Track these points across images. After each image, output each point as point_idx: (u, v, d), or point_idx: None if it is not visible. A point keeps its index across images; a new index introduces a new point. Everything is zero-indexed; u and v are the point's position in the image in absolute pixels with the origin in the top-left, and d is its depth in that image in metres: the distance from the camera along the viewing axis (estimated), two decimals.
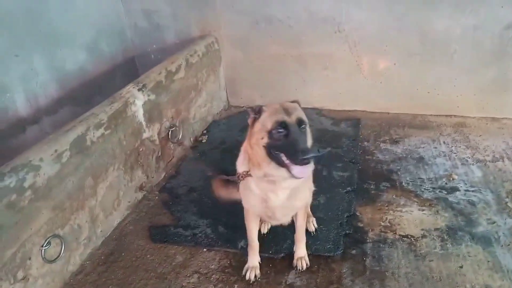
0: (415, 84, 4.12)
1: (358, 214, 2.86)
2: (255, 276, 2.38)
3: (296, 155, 1.78)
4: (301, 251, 2.48)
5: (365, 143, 3.79)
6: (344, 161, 3.48)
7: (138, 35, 4.72)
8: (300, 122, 1.90)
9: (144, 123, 3.19)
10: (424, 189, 3.07)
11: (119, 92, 3.05)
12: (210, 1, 4.31)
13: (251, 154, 2.02)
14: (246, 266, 2.44)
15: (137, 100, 3.11)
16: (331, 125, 4.14)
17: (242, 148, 2.17)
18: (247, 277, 2.38)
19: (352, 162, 3.46)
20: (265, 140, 1.90)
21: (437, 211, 2.82)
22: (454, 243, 2.53)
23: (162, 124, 3.44)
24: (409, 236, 2.62)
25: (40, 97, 3.61)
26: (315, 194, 3.02)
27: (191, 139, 3.97)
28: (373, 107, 4.34)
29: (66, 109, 3.84)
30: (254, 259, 2.44)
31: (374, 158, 3.54)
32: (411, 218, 2.78)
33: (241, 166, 2.16)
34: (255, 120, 1.98)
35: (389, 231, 2.68)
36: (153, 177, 3.34)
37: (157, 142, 3.38)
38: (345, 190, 3.09)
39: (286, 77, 4.46)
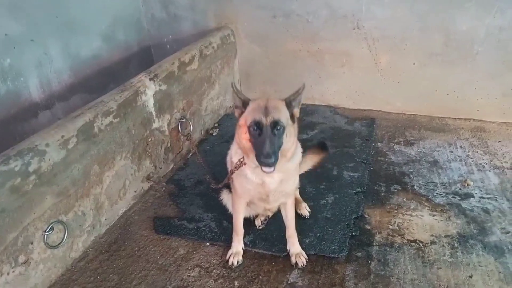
0: (434, 85, 4.00)
1: (366, 216, 2.79)
2: (238, 262, 2.43)
3: (259, 156, 1.95)
4: (295, 247, 2.45)
5: (379, 143, 3.69)
6: (355, 161, 3.40)
7: (154, 25, 4.71)
8: (274, 124, 1.95)
9: (154, 113, 3.17)
10: (437, 193, 2.97)
11: (130, 80, 3.04)
12: None
13: (240, 144, 2.14)
14: (230, 251, 2.48)
15: (148, 90, 3.09)
16: (345, 123, 4.06)
17: (234, 139, 2.23)
18: (230, 262, 2.43)
19: (363, 162, 3.38)
20: (247, 134, 2.03)
21: (449, 217, 2.72)
22: (464, 252, 2.44)
23: (173, 115, 3.42)
24: (417, 242, 2.53)
25: (53, 83, 3.63)
26: (324, 193, 2.99)
27: (202, 132, 3.94)
28: (389, 107, 4.24)
29: (78, 96, 3.85)
30: (238, 245, 2.49)
31: (386, 159, 3.44)
32: (421, 223, 2.69)
33: (234, 155, 2.25)
34: (241, 113, 2.09)
35: (397, 235, 2.60)
36: (161, 168, 3.32)
37: (167, 133, 3.36)
38: (354, 191, 3.02)
39: (302, 73, 4.38)
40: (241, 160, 2.19)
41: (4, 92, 3.19)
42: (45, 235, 2.29)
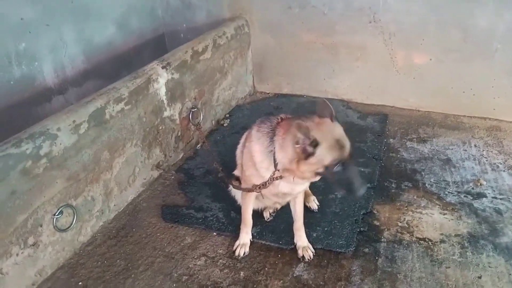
0: (450, 82, 3.92)
1: (375, 212, 2.76)
2: (244, 253, 2.42)
3: (355, 192, 1.97)
4: (303, 240, 2.44)
5: (391, 140, 3.64)
6: (366, 157, 3.35)
7: (169, 14, 4.69)
8: (352, 156, 1.92)
9: (165, 101, 3.17)
10: (448, 192, 2.92)
11: (143, 68, 3.04)
12: None
13: (296, 172, 1.98)
14: (237, 242, 2.47)
15: (160, 78, 3.08)
16: (357, 118, 4.01)
17: (266, 153, 2.10)
18: (236, 253, 2.42)
19: (374, 158, 3.34)
20: (321, 170, 1.92)
21: (460, 217, 2.68)
22: (474, 252, 2.40)
23: (184, 104, 3.41)
24: (426, 240, 2.50)
25: (67, 68, 3.65)
26: (333, 188, 2.95)
27: (213, 122, 3.93)
28: (403, 103, 4.17)
29: (91, 82, 3.87)
30: (246, 236, 2.48)
31: (398, 156, 3.40)
32: (431, 221, 2.66)
33: (267, 170, 2.13)
34: (308, 153, 1.87)
35: (406, 233, 2.57)
36: (171, 157, 3.33)
37: (178, 122, 3.35)
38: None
39: (316, 66, 4.34)
40: (276, 177, 2.10)
41: (18, 76, 3.21)
42: (55, 219, 2.31)
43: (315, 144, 1.85)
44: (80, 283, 2.29)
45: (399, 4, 3.81)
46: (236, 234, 2.53)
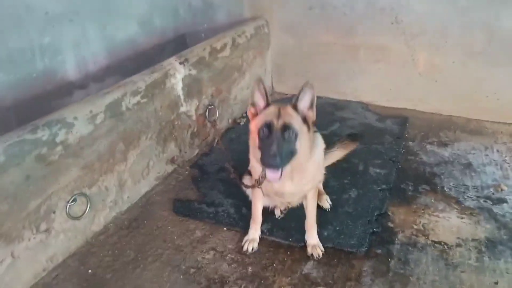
0: (474, 86, 3.81)
1: (390, 213, 2.69)
2: (252, 249, 2.41)
3: (263, 159, 1.90)
4: (313, 238, 2.40)
5: (410, 142, 3.56)
6: (383, 159, 3.29)
7: (190, 13, 4.72)
8: (284, 128, 1.91)
9: (182, 97, 3.19)
10: (467, 196, 2.83)
11: (161, 63, 3.08)
12: None
13: (252, 155, 2.16)
14: (246, 237, 2.46)
15: (178, 73, 3.11)
16: (375, 120, 3.94)
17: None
18: (244, 248, 2.41)
19: (392, 160, 3.27)
20: (257, 140, 1.98)
21: (478, 221, 2.59)
22: (492, 257, 2.31)
23: (201, 101, 3.43)
24: (442, 243, 2.42)
25: (89, 63, 3.71)
26: (347, 188, 2.91)
27: (229, 120, 3.94)
28: (424, 107, 4.08)
29: (113, 78, 3.91)
30: (254, 233, 2.46)
31: (417, 159, 3.32)
32: (448, 225, 2.57)
33: (255, 165, 2.20)
34: (254, 116, 2.06)
35: (421, 235, 2.49)
36: (186, 152, 3.34)
37: (194, 118, 3.37)
38: (379, 188, 2.92)
39: (335, 67, 4.30)
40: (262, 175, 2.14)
41: (41, 69, 3.28)
42: (68, 206, 2.35)
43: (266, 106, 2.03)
44: (89, 271, 2.31)
45: (422, 5, 3.75)
46: (246, 230, 2.51)
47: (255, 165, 2.20)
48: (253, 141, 2.04)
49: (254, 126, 2.02)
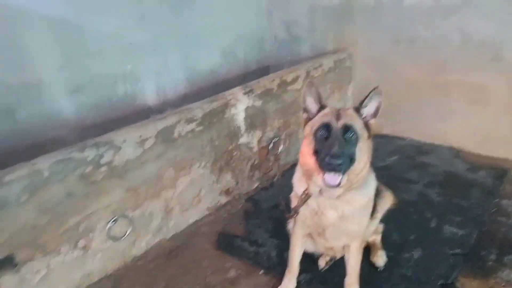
0: None
1: (458, 285, 2.21)
2: None
3: (323, 159, 1.66)
4: None
5: (504, 201, 2.96)
6: (465, 216, 2.77)
7: (275, 46, 4.74)
8: (345, 128, 1.72)
9: (243, 127, 3.12)
10: None
11: (223, 92, 3.05)
12: (350, 16, 4.05)
13: (303, 162, 1.88)
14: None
15: (239, 103, 3.05)
16: (465, 170, 3.38)
17: (298, 163, 1.98)
18: None
19: (476, 219, 2.74)
20: (312, 143, 1.78)
21: None
22: None
23: (265, 133, 3.32)
24: None
25: (168, 91, 3.89)
26: (410, 246, 2.51)
27: (296, 156, 3.73)
28: None
29: None
30: (288, 283, 2.22)
31: (509, 222, 2.73)
32: None
33: (298, 183, 2.01)
34: (308, 121, 1.89)
35: None
36: (243, 185, 3.23)
37: (255, 149, 3.27)
38: (452, 251, 2.44)
39: (423, 107, 3.86)
40: (306, 192, 1.92)
41: (122, 94, 3.52)
42: (108, 226, 2.38)
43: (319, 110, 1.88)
44: None
45: None
46: (283, 277, 2.27)
47: (296, 188, 2.00)
48: (306, 147, 1.84)
49: (309, 129, 1.84)
